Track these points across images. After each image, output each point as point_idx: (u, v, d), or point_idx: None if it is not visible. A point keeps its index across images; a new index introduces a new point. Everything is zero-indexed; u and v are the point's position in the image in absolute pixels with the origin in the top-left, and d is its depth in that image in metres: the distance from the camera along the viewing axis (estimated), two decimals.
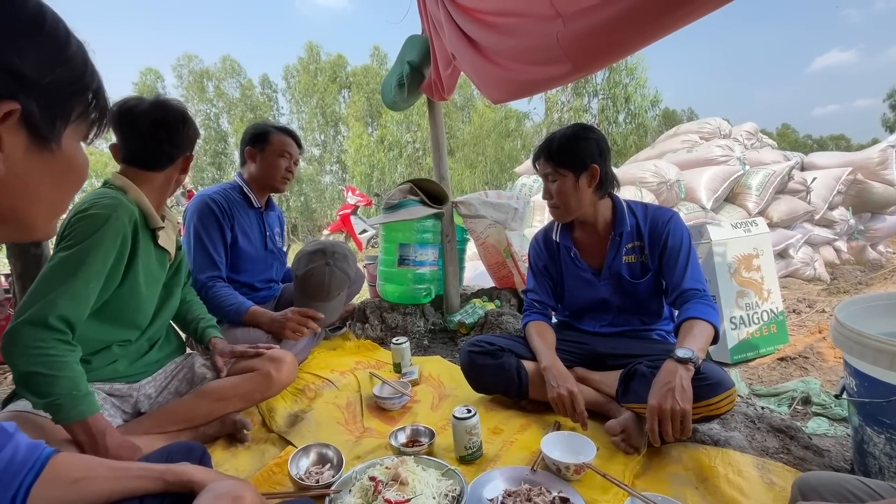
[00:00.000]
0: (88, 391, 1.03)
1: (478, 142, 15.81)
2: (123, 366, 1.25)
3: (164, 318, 1.37)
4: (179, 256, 1.40)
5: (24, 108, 0.41)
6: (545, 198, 1.51)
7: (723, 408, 1.14)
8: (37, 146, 0.44)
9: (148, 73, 20.28)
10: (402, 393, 1.57)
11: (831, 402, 1.53)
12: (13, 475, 0.58)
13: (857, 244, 4.67)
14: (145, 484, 0.68)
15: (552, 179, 1.46)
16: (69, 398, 0.99)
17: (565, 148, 1.42)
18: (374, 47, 20.71)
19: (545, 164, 1.46)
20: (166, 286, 1.34)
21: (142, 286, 1.21)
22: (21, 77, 0.41)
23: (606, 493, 1.07)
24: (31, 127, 0.43)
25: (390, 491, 1.00)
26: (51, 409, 0.99)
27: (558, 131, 1.48)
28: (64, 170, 0.48)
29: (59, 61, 0.44)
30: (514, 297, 2.54)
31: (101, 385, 1.20)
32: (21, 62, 0.41)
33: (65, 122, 0.46)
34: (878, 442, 1.05)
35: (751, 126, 5.47)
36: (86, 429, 1.01)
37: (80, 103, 0.47)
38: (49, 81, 0.43)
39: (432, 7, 2.05)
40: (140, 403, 1.29)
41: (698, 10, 1.19)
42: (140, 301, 1.23)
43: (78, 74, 0.46)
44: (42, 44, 0.43)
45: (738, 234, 2.18)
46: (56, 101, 0.45)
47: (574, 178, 1.42)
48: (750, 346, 2.09)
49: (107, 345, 1.21)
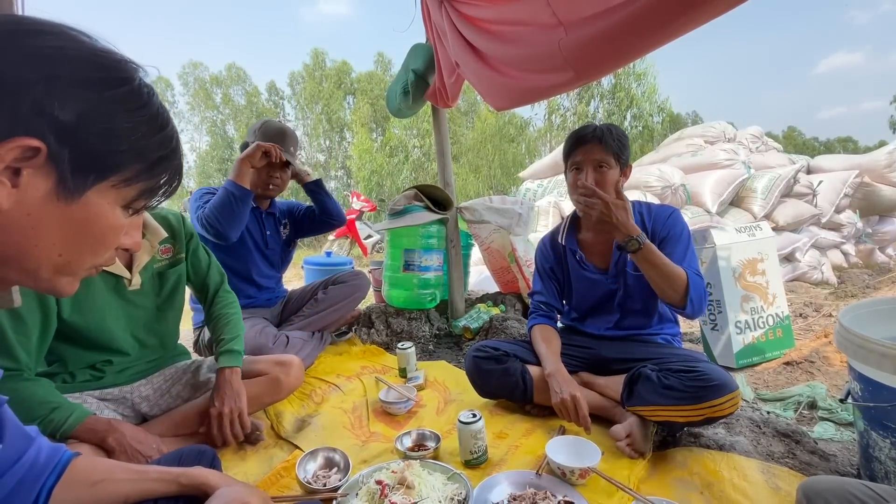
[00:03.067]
0: (64, 401, 1.06)
1: (482, 147, 15.85)
2: (110, 378, 1.26)
3: (157, 336, 1.34)
4: (175, 273, 1.35)
5: (50, 150, 0.41)
6: (580, 188, 1.36)
7: (726, 410, 1.14)
8: (59, 194, 0.44)
9: (157, 82, 20.56)
10: (407, 398, 1.58)
11: (837, 407, 1.52)
12: (36, 477, 0.60)
13: (864, 247, 4.63)
14: (161, 486, 0.70)
15: (599, 167, 1.39)
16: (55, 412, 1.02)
17: (621, 139, 1.41)
18: (379, 54, 20.93)
19: (596, 149, 1.38)
20: (145, 308, 1.29)
21: (75, 316, 1.14)
22: (55, 120, 0.41)
23: (611, 497, 1.07)
24: (59, 173, 0.43)
25: (397, 494, 1.01)
26: (49, 428, 1.02)
27: (594, 125, 1.44)
28: (79, 226, 0.46)
29: (113, 120, 0.45)
30: (518, 302, 2.55)
31: (91, 392, 1.22)
32: (61, 108, 0.41)
33: (100, 180, 0.46)
34: (884, 446, 1.05)
35: (756, 129, 5.46)
36: (91, 430, 1.05)
37: (127, 168, 0.47)
38: (90, 134, 0.43)
39: (436, 16, 2.08)
40: (138, 405, 1.30)
41: (698, 19, 1.21)
42: (91, 330, 1.17)
43: (134, 140, 0.46)
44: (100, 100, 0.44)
45: (743, 238, 2.18)
46: (96, 155, 0.45)
47: (619, 170, 1.43)
48: (755, 350, 2.08)
49: (89, 363, 1.22)
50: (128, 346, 1.27)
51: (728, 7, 1.15)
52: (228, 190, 1.75)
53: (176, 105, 22.44)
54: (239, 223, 1.78)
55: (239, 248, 1.94)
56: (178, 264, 1.38)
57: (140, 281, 1.27)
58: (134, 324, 1.28)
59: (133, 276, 1.24)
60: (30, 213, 0.43)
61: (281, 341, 1.85)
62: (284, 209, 2.17)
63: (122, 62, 0.47)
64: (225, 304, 1.48)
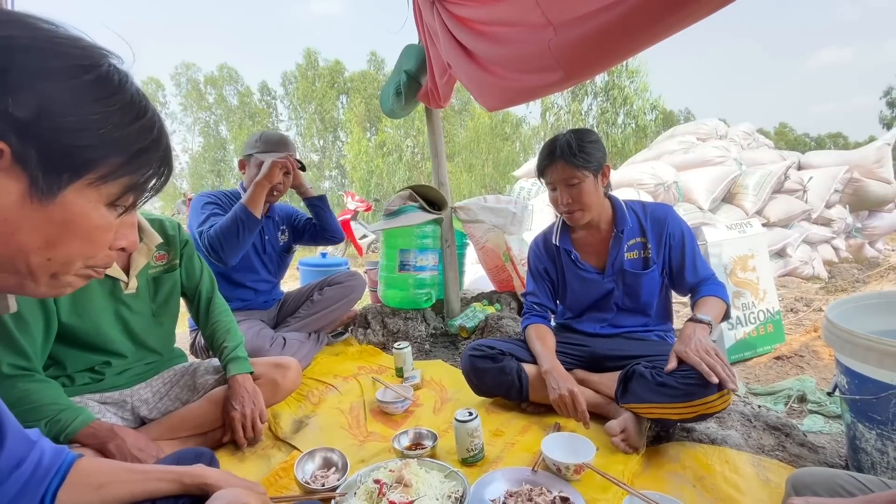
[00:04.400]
0: (71, 403, 1.08)
1: (476, 146, 15.87)
2: (110, 381, 1.27)
3: (154, 341, 1.35)
4: (170, 280, 1.36)
5: (13, 150, 0.39)
6: (561, 204, 1.46)
7: (717, 406, 1.16)
8: (32, 195, 0.41)
9: (149, 83, 20.41)
10: (404, 397, 1.59)
11: (826, 400, 1.55)
12: (40, 480, 0.60)
13: (855, 242, 4.69)
14: (164, 486, 0.71)
15: (572, 183, 1.43)
16: (63, 413, 1.04)
17: (584, 149, 1.43)
18: (371, 53, 20.94)
19: (564, 168, 1.42)
20: (141, 313, 1.29)
21: (72, 318, 1.14)
22: (11, 118, 0.38)
23: (606, 492, 1.09)
24: (29, 174, 0.40)
25: (395, 493, 1.02)
26: (55, 428, 1.03)
27: (560, 138, 1.46)
28: (62, 227, 0.44)
29: (80, 112, 0.42)
30: (513, 301, 2.56)
31: (92, 396, 1.23)
32: (15, 105, 0.38)
33: (75, 178, 0.43)
34: (870, 438, 1.08)
35: (747, 126, 5.51)
36: (93, 435, 1.06)
37: (104, 164, 0.44)
38: (53, 129, 0.40)
39: (428, 16, 2.08)
40: (138, 409, 1.30)
41: (687, 19, 1.22)
42: (88, 332, 1.18)
43: (106, 133, 0.43)
44: (63, 91, 0.41)
45: (734, 235, 2.21)
46: (67, 153, 0.42)
47: (593, 178, 1.45)
48: (747, 345, 2.11)
49: (88, 366, 1.23)
50: (125, 348, 1.28)
51: (716, 7, 1.16)
52: (239, 216, 1.69)
53: (168, 106, 22.29)
54: (241, 251, 1.77)
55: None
56: (172, 270, 1.38)
57: (136, 285, 1.27)
58: (130, 327, 1.28)
59: (130, 280, 1.25)
60: (6, 218, 0.41)
61: (278, 343, 1.85)
62: (284, 214, 2.16)
63: (87, 48, 0.43)
64: (220, 311, 1.49)
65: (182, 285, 1.43)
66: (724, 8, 1.17)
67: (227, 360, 1.39)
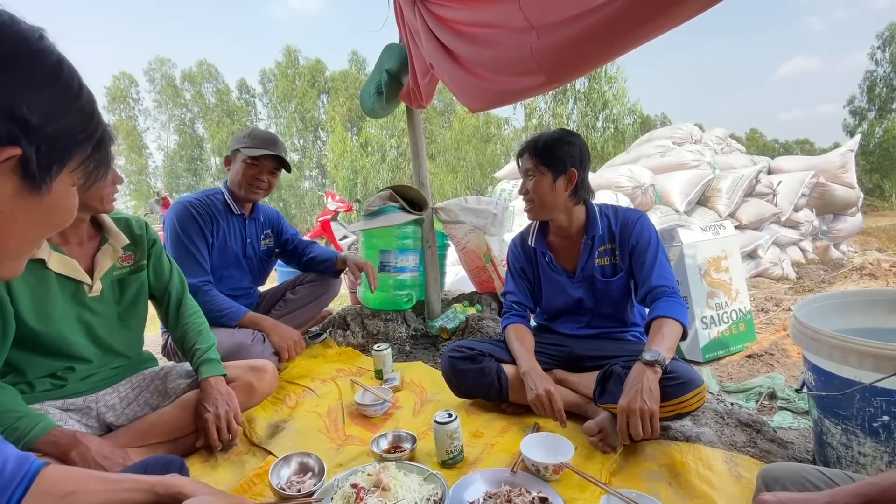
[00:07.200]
0: (29, 411, 1.03)
1: (459, 146, 15.92)
2: (73, 387, 1.21)
3: (120, 345, 1.29)
4: (137, 281, 1.32)
5: (24, 153, 0.42)
6: (521, 193, 1.54)
7: (693, 405, 1.19)
8: (27, 189, 0.45)
9: (121, 78, 19.76)
10: (383, 399, 1.58)
11: (794, 397, 1.60)
12: (2, 489, 0.57)
13: (821, 244, 4.88)
14: (136, 496, 0.68)
15: (531, 176, 1.50)
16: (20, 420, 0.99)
17: (549, 148, 1.46)
18: (353, 52, 20.78)
19: (528, 159, 1.50)
20: (105, 316, 1.23)
21: (33, 321, 1.09)
22: (26, 124, 0.42)
23: (584, 491, 1.10)
24: (25, 171, 0.43)
25: (372, 497, 1.01)
26: (11, 437, 0.98)
27: (545, 132, 1.52)
28: (48, 212, 0.48)
29: (68, 112, 0.45)
30: (494, 302, 2.57)
31: (53, 403, 1.17)
32: (29, 111, 0.42)
33: (61, 169, 0.47)
34: (836, 433, 1.12)
35: (721, 131, 5.67)
36: (55, 443, 1.01)
37: (81, 152, 0.48)
38: (54, 130, 0.44)
39: (409, 16, 2.07)
40: (104, 415, 1.25)
41: (666, 24, 1.25)
42: (49, 337, 1.13)
43: (83, 126, 0.47)
44: (54, 95, 0.44)
45: (708, 237, 2.26)
46: (57, 149, 0.45)
47: (552, 178, 1.46)
48: (720, 344, 2.17)
49: (50, 372, 1.17)
50: (89, 353, 1.22)
51: (694, 13, 1.19)
52: (231, 318, 1.77)
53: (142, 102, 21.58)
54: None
55: (216, 255, 1.87)
56: (139, 271, 1.33)
57: (101, 287, 1.22)
58: (95, 331, 1.23)
59: (94, 282, 1.20)
60: (1, 210, 0.44)
61: (258, 338, 1.81)
62: (270, 218, 2.09)
63: (46, 41, 0.45)
64: (191, 312, 1.45)
65: (150, 286, 1.38)
66: (700, 14, 1.20)
67: (199, 363, 1.34)
